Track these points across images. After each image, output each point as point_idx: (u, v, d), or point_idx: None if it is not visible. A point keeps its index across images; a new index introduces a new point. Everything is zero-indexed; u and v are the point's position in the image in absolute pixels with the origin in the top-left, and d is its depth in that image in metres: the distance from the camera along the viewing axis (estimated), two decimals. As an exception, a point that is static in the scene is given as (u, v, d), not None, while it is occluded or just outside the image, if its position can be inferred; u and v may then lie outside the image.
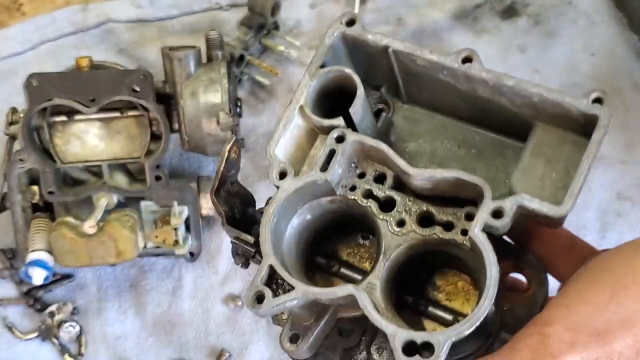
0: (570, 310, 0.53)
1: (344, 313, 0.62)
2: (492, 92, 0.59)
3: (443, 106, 0.67)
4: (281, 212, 0.60)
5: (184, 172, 1.32)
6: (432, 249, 0.60)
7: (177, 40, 1.36)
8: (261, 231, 0.58)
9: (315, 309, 0.61)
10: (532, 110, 0.59)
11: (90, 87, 1.09)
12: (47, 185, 1.12)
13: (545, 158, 0.58)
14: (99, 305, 1.26)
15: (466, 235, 0.58)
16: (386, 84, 0.67)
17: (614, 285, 0.54)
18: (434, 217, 0.60)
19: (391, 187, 0.62)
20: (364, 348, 0.63)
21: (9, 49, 1.36)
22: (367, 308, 0.54)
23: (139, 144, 1.15)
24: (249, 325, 1.24)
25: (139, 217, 1.17)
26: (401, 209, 0.61)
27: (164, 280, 1.26)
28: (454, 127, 0.67)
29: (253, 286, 0.56)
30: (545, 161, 0.58)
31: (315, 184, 0.60)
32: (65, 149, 1.15)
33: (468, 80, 0.60)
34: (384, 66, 0.64)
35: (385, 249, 0.59)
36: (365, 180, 0.62)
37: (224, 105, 1.13)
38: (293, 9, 1.41)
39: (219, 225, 1.27)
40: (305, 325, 0.62)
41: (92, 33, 1.37)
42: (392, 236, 0.60)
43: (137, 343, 1.24)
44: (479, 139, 0.66)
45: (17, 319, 1.25)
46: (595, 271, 0.57)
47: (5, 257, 1.24)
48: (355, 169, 0.63)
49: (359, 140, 0.60)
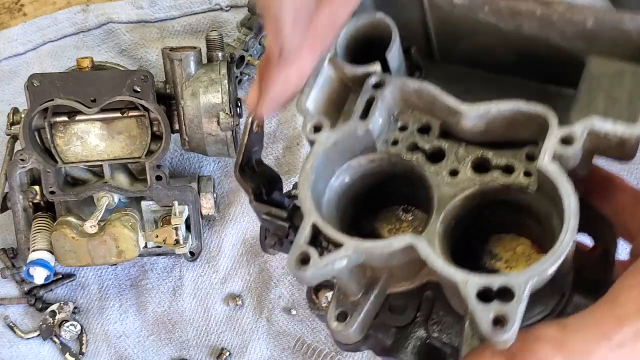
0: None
1: (394, 288, 0.56)
2: (540, 26, 0.53)
3: (482, 59, 0.59)
4: (319, 170, 0.53)
5: (184, 172, 1.32)
6: (492, 199, 0.53)
7: (177, 41, 1.36)
8: (300, 189, 0.51)
9: (364, 280, 0.55)
10: (585, 42, 0.52)
11: (91, 88, 1.10)
12: (49, 185, 1.13)
13: (605, 92, 0.52)
14: (100, 305, 1.26)
15: (530, 176, 0.51)
16: (416, 43, 0.61)
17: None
18: (491, 161, 0.53)
19: (438, 137, 0.54)
20: (421, 324, 0.56)
21: (10, 50, 1.37)
22: (430, 256, 0.48)
23: (140, 144, 1.16)
24: (249, 324, 1.24)
25: (140, 216, 1.18)
26: (452, 158, 0.53)
27: (165, 280, 1.27)
28: (495, 82, 0.59)
29: (296, 247, 0.50)
30: (606, 95, 0.51)
31: (354, 136, 0.53)
32: (67, 149, 1.15)
33: (513, 15, 0.53)
34: (414, 20, 0.58)
35: (438, 203, 0.52)
36: (409, 133, 0.55)
37: (225, 106, 1.13)
38: (293, 10, 1.41)
39: (219, 225, 1.28)
40: (353, 301, 0.55)
41: (93, 34, 1.38)
42: (445, 187, 0.52)
43: (137, 342, 1.25)
44: (525, 91, 0.56)
45: (19, 318, 1.25)
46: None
47: (6, 256, 1.24)
48: (396, 123, 0.56)
49: (400, 83, 0.53)
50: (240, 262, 1.27)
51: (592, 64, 0.52)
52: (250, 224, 1.28)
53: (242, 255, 1.27)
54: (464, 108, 0.52)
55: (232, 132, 1.14)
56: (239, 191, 1.30)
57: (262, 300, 1.25)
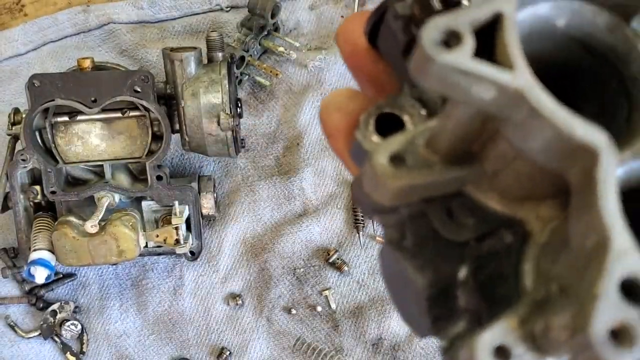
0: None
1: (481, 193, 0.36)
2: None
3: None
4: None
5: (185, 172, 1.33)
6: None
7: (178, 41, 1.37)
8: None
9: (463, 146, 0.34)
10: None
11: (92, 88, 1.10)
12: (50, 185, 1.13)
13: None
14: (100, 304, 1.26)
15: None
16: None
17: None
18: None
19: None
20: (473, 255, 0.36)
21: (11, 50, 1.37)
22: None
23: (140, 144, 1.16)
24: (249, 324, 1.25)
25: (140, 216, 1.18)
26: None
27: (165, 279, 1.27)
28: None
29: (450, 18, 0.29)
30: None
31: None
32: (67, 149, 1.15)
33: None
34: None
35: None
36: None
37: (225, 106, 1.13)
38: (293, 11, 1.42)
39: (220, 225, 1.28)
40: (423, 154, 0.35)
41: (93, 34, 1.38)
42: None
43: (138, 341, 1.25)
44: None
45: (19, 317, 1.26)
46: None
47: (7, 256, 1.25)
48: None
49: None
50: (241, 262, 1.28)
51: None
52: (251, 223, 1.29)
53: (242, 255, 1.28)
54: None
55: (232, 132, 1.15)
56: (238, 191, 1.30)
57: (262, 299, 1.25)
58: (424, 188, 0.35)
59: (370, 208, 0.39)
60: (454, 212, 0.37)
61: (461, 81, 0.28)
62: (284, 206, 1.30)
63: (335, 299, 1.25)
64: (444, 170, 0.35)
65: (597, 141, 0.28)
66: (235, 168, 1.32)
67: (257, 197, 1.30)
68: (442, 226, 0.37)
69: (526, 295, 0.33)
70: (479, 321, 0.35)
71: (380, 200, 0.36)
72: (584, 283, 0.28)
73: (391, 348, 1.22)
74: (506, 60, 0.29)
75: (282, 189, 1.30)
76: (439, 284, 0.37)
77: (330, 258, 1.26)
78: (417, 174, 0.35)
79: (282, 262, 1.26)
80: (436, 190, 0.36)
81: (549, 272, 0.33)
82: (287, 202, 1.30)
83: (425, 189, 0.35)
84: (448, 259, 0.37)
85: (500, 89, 0.28)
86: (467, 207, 0.37)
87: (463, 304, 0.36)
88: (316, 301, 1.25)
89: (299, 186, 1.30)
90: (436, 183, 0.35)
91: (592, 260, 0.28)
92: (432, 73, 0.28)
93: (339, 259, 1.26)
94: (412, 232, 0.38)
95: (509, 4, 0.29)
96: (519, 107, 0.29)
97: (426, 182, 0.35)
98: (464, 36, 0.28)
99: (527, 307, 0.31)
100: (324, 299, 1.25)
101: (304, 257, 1.26)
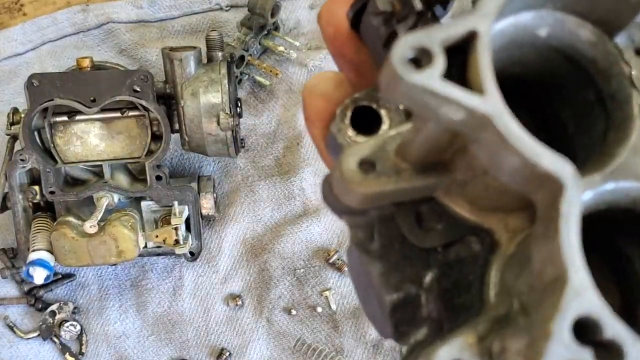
0: None
1: (452, 201, 0.36)
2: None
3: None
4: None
5: (184, 172, 1.32)
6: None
7: (177, 41, 1.36)
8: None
9: (434, 153, 0.34)
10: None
11: (91, 88, 1.09)
12: (48, 185, 1.13)
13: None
14: (99, 305, 1.26)
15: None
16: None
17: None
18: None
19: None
20: (439, 261, 0.36)
21: (10, 50, 1.37)
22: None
23: (140, 144, 1.16)
24: (249, 325, 1.24)
25: (140, 216, 1.18)
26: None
27: (165, 280, 1.27)
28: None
29: (422, 34, 0.28)
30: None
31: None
32: (66, 149, 1.15)
33: None
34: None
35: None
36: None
37: (224, 106, 1.13)
38: (293, 10, 1.41)
39: (219, 225, 1.28)
40: (395, 163, 0.35)
41: (93, 33, 1.38)
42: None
43: (137, 342, 1.25)
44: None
45: (18, 318, 1.25)
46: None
47: (6, 256, 1.24)
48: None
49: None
50: (240, 262, 1.27)
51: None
52: (250, 224, 1.28)
53: (242, 255, 1.27)
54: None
55: (232, 132, 1.14)
56: (238, 191, 1.30)
57: (262, 300, 1.25)
58: (393, 194, 0.36)
59: (338, 209, 0.39)
60: (423, 216, 0.37)
61: (430, 101, 0.28)
62: (284, 206, 1.29)
63: (336, 300, 1.24)
64: (413, 177, 0.35)
65: (562, 172, 0.28)
66: (235, 168, 1.32)
67: (257, 197, 1.30)
68: (410, 232, 0.37)
69: (488, 309, 0.33)
70: (440, 329, 0.36)
71: (349, 204, 0.36)
72: (541, 310, 0.28)
73: (392, 349, 1.22)
74: (476, 84, 0.28)
75: (282, 189, 1.30)
76: (403, 289, 0.37)
77: (330, 258, 1.25)
78: (386, 181, 0.35)
79: (282, 263, 1.26)
80: (405, 196, 0.36)
81: (512, 288, 0.33)
82: (287, 202, 1.29)
83: (394, 195, 0.36)
84: (414, 264, 0.37)
85: (468, 113, 0.28)
86: (436, 213, 0.37)
87: (426, 311, 0.36)
88: (316, 302, 1.24)
89: (299, 186, 1.29)
90: (405, 190, 0.35)
91: (549, 292, 0.28)
92: (400, 92, 0.28)
93: (339, 260, 1.25)
94: (380, 234, 0.38)
95: (484, 22, 0.29)
96: (486, 131, 0.29)
97: (395, 189, 0.35)
98: (435, 55, 0.28)
99: (487, 324, 0.32)
100: (324, 300, 1.25)
101: (304, 258, 1.26)
